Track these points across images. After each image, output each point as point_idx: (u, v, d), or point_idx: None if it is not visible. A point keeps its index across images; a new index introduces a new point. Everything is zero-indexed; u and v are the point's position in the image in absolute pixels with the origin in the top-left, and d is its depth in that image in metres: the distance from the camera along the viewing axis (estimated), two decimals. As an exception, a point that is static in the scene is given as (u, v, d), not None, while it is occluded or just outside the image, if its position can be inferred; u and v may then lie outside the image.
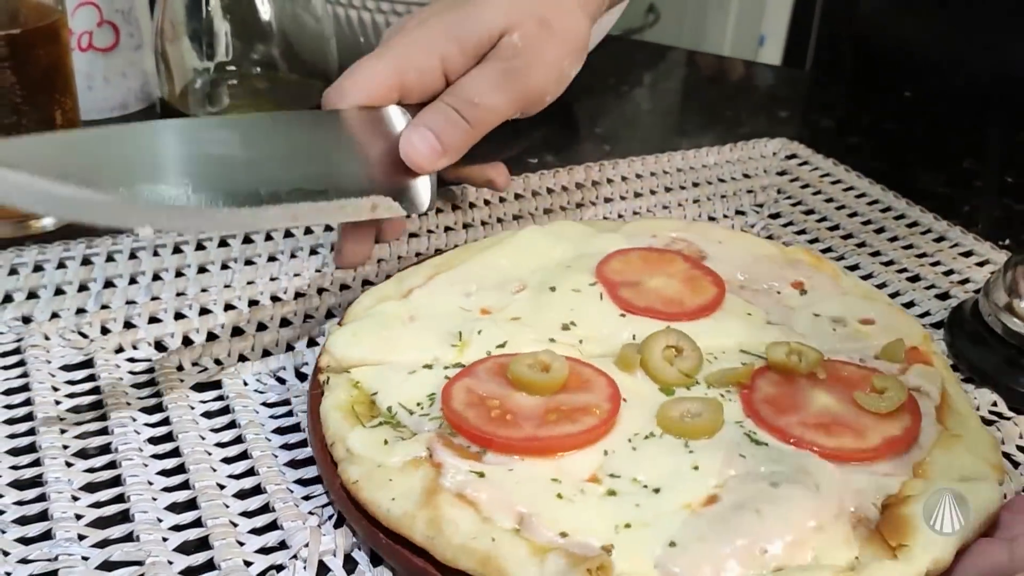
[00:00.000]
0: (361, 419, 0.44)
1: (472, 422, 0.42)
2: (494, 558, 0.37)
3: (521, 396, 0.44)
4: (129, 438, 0.46)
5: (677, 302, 0.52)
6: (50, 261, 0.58)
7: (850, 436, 0.43)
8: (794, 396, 0.45)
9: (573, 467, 0.41)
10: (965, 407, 0.47)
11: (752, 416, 0.45)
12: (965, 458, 0.43)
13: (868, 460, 0.42)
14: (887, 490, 0.41)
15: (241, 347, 0.53)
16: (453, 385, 0.44)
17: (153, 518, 0.42)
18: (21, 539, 0.40)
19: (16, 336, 0.52)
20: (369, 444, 0.42)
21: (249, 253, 0.61)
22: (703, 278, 0.54)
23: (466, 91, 0.51)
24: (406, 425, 0.44)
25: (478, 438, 0.42)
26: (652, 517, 0.39)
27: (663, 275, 0.54)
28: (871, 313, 0.52)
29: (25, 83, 0.58)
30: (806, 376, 0.46)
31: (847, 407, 0.44)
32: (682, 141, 0.62)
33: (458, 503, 0.39)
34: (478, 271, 0.54)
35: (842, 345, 0.50)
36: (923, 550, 0.38)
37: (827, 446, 0.42)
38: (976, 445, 0.44)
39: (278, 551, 0.41)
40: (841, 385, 0.46)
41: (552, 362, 0.45)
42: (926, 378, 0.47)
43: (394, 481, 0.40)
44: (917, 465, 0.43)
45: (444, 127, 0.50)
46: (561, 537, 0.38)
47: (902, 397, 0.44)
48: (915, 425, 0.44)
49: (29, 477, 0.44)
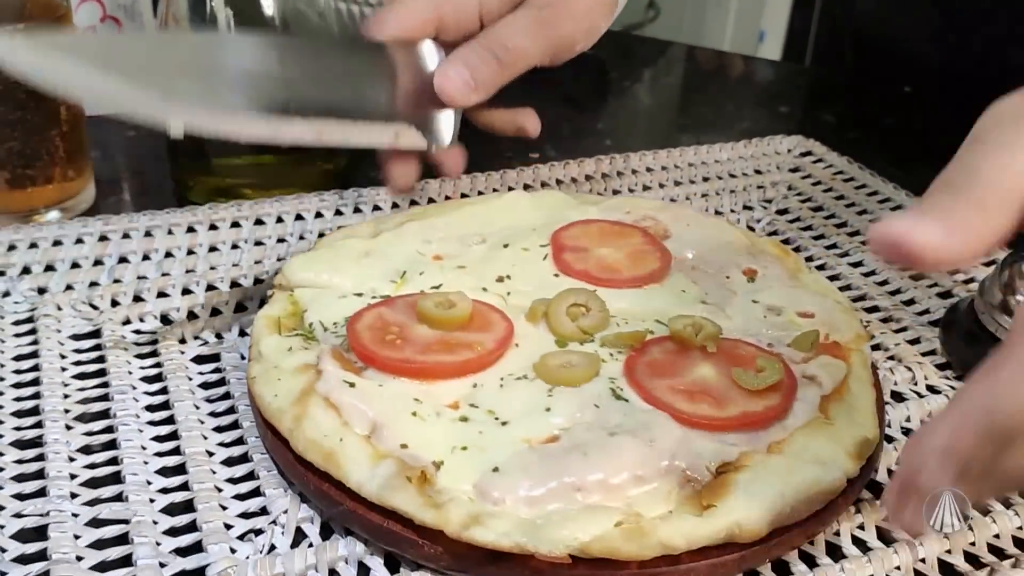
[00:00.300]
0: (282, 329, 0.49)
1: (363, 341, 0.46)
2: (336, 455, 0.41)
3: (422, 328, 0.48)
4: (127, 404, 0.48)
5: (613, 270, 0.54)
6: (68, 236, 0.60)
7: (709, 405, 0.44)
8: (677, 364, 0.47)
9: (439, 392, 0.45)
10: (862, 403, 0.47)
11: (627, 374, 0.46)
12: (825, 444, 0.43)
13: (718, 429, 0.43)
14: (725, 457, 0.42)
15: (243, 322, 0.55)
16: (368, 311, 0.49)
17: (143, 480, 0.44)
18: (17, 495, 0.43)
19: (31, 305, 0.55)
20: (275, 349, 0.47)
21: (259, 234, 0.63)
22: (652, 253, 0.56)
23: (500, 35, 0.53)
24: (317, 340, 0.48)
25: (363, 355, 0.46)
26: (489, 443, 0.42)
27: (613, 247, 0.56)
28: (812, 307, 0.52)
29: None
30: (699, 348, 0.48)
31: (723, 381, 0.46)
32: (683, 136, 0.63)
33: (323, 405, 0.43)
34: (448, 224, 0.58)
35: (766, 332, 0.51)
36: (726, 513, 0.39)
37: (683, 410, 0.44)
38: (844, 435, 0.44)
39: (259, 516, 0.43)
40: (729, 361, 0.47)
41: (458, 302, 0.48)
42: (825, 369, 0.48)
43: (282, 381, 0.45)
44: (775, 443, 0.43)
45: (478, 65, 0.52)
46: (401, 448, 0.42)
47: (776, 378, 0.45)
48: (780, 406, 0.45)
49: (30, 438, 0.46)
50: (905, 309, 0.60)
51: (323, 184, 0.69)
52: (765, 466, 0.41)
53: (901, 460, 0.38)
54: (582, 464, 0.41)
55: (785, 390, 0.45)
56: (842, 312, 0.53)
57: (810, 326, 0.51)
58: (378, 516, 0.40)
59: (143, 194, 0.70)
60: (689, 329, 0.48)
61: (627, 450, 0.41)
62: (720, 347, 0.48)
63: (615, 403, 0.45)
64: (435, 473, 0.41)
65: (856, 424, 0.45)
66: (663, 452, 0.42)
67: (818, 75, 1.01)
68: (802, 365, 0.48)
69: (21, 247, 0.59)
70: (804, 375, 0.47)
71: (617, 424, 0.43)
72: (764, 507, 0.40)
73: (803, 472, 0.41)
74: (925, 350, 0.56)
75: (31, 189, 0.62)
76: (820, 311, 0.52)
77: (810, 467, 0.42)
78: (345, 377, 0.45)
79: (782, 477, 0.41)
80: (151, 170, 0.72)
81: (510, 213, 0.60)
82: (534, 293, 0.52)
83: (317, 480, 0.42)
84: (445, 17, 0.53)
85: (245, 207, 0.65)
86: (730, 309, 0.52)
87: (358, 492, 0.41)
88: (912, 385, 0.53)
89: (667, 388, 0.45)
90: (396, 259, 0.54)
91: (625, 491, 0.40)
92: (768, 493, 0.40)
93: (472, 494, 0.40)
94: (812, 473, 0.42)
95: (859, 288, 0.62)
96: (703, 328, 0.48)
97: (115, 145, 0.77)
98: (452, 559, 0.39)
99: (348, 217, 0.66)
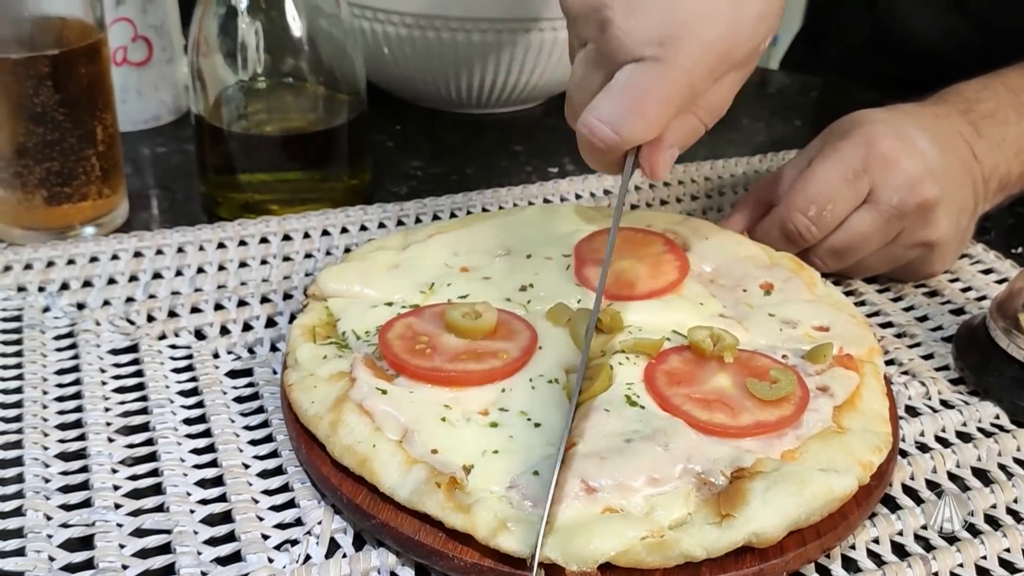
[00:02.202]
0: (316, 338, 0.51)
1: (395, 350, 0.48)
2: (369, 461, 0.43)
3: (450, 337, 0.50)
4: (166, 418, 0.50)
5: (630, 284, 0.56)
6: (104, 253, 0.62)
7: (724, 413, 0.46)
8: (695, 373, 0.48)
9: (468, 399, 0.47)
10: (874, 412, 0.48)
11: (647, 382, 0.48)
12: (837, 453, 0.45)
13: (732, 436, 0.45)
14: (739, 463, 0.43)
15: (273, 337, 0.57)
16: (398, 320, 0.51)
17: (183, 491, 0.45)
18: (63, 505, 0.44)
19: (71, 321, 0.57)
20: (311, 357, 0.49)
21: (287, 250, 0.64)
22: (671, 262, 0.57)
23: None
24: (350, 348, 0.50)
25: (395, 363, 0.48)
26: (519, 447, 0.44)
27: (633, 258, 0.57)
28: (827, 321, 0.54)
29: (68, 101, 0.61)
30: (717, 359, 0.49)
31: (738, 391, 0.47)
32: (699, 150, 0.65)
33: (358, 412, 0.45)
34: (474, 236, 0.60)
35: (782, 344, 0.52)
36: (745, 522, 0.41)
37: (699, 418, 0.45)
38: (856, 444, 0.45)
39: (294, 527, 0.44)
40: (745, 372, 0.48)
41: (484, 312, 0.50)
42: (838, 381, 0.49)
43: (318, 388, 0.47)
44: (789, 452, 0.45)
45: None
46: (432, 454, 0.43)
47: (789, 390, 0.47)
48: (793, 416, 0.46)
49: (75, 450, 0.48)
50: (919, 325, 0.61)
51: (348, 199, 0.71)
52: (780, 473, 0.43)
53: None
54: (599, 468, 0.42)
55: (798, 401, 0.47)
56: (856, 326, 0.54)
57: (824, 339, 0.52)
58: (410, 528, 0.42)
59: (173, 209, 0.72)
60: (708, 340, 0.50)
61: (642, 453, 0.43)
62: (737, 358, 0.49)
63: (630, 409, 0.46)
64: (464, 477, 0.42)
65: (869, 432, 0.47)
66: (678, 456, 0.43)
67: (833, 84, 1.02)
68: (816, 377, 0.50)
69: (60, 263, 0.61)
70: (817, 387, 0.49)
71: (634, 430, 0.45)
72: (780, 514, 0.41)
73: (817, 479, 0.43)
74: (938, 365, 0.57)
75: (67, 206, 0.64)
76: (834, 325, 0.54)
77: (824, 474, 0.43)
78: (378, 384, 0.47)
79: (797, 484, 0.42)
80: (181, 186, 0.74)
81: (533, 226, 0.62)
82: (555, 300, 0.54)
83: (350, 493, 0.43)
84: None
85: (273, 223, 0.67)
86: (748, 322, 0.54)
87: (391, 497, 0.42)
88: (926, 400, 0.55)
89: (684, 396, 0.47)
90: (424, 271, 0.56)
91: (642, 492, 0.42)
92: (784, 501, 0.41)
93: (503, 495, 0.42)
94: (826, 480, 0.43)
95: (874, 304, 0.63)
96: (721, 339, 0.50)
97: (145, 160, 0.79)
98: (482, 571, 0.41)
99: (373, 232, 0.68)
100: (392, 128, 0.87)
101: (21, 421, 0.49)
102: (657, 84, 0.47)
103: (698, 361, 0.49)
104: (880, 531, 0.45)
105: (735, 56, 0.49)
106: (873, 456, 0.45)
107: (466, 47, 0.80)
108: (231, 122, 0.68)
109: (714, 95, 0.50)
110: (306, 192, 0.70)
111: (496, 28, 0.78)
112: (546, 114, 0.91)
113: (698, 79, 0.47)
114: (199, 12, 0.66)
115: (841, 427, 0.47)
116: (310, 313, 0.53)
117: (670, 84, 0.47)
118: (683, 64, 0.46)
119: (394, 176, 0.79)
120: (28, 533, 0.43)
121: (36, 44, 0.60)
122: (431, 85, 0.85)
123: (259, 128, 0.69)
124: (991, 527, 0.46)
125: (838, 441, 0.46)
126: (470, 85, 0.84)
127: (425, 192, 0.75)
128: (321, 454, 0.45)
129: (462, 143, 0.85)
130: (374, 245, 0.59)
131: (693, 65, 0.47)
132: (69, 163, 0.63)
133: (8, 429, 0.49)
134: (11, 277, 0.60)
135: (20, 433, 0.48)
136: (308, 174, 0.70)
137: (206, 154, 0.69)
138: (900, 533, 0.46)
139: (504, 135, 0.86)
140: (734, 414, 0.46)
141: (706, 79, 0.48)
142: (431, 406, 0.46)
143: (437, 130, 0.87)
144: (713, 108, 0.51)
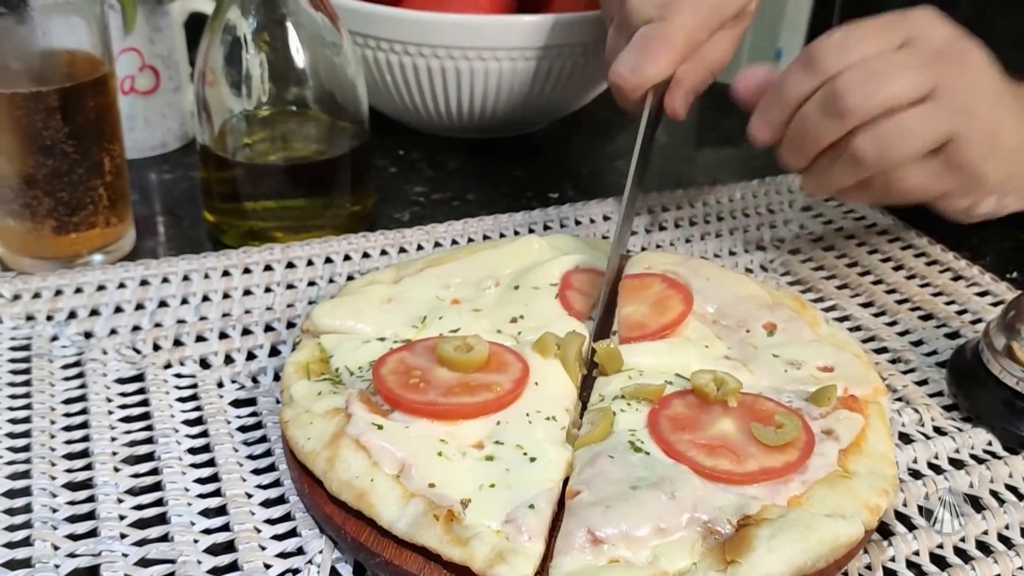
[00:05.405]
0: (311, 374, 0.52)
1: (389, 385, 0.49)
2: (367, 495, 0.44)
3: (443, 371, 0.50)
4: (171, 448, 0.51)
5: (640, 325, 0.56)
6: (111, 281, 0.64)
7: (729, 460, 0.46)
8: (699, 418, 0.48)
9: (464, 433, 0.47)
10: (881, 453, 0.48)
11: (651, 428, 0.48)
12: (844, 497, 0.45)
13: (737, 483, 0.45)
14: (745, 510, 0.43)
15: (277, 366, 0.58)
16: (391, 355, 0.51)
17: (187, 521, 0.46)
18: (70, 535, 0.45)
19: (78, 350, 0.58)
20: (306, 394, 0.50)
21: (291, 278, 0.66)
22: (674, 296, 0.58)
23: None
24: (344, 384, 0.51)
25: (389, 398, 0.49)
26: (515, 480, 0.45)
27: (636, 302, 0.58)
28: (831, 361, 0.54)
29: (76, 133, 0.62)
30: (720, 403, 0.49)
31: (743, 436, 0.47)
32: (697, 175, 0.66)
33: (354, 447, 0.46)
34: (464, 268, 0.61)
35: (786, 386, 0.52)
36: (750, 568, 0.41)
37: (704, 464, 0.45)
38: (862, 488, 0.46)
39: (295, 556, 0.45)
40: (749, 416, 0.48)
41: (475, 345, 0.51)
42: (842, 424, 0.49)
43: (314, 424, 0.48)
44: (795, 497, 0.45)
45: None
46: (429, 487, 0.44)
47: (795, 435, 0.47)
48: (798, 461, 0.46)
49: (81, 480, 0.49)
50: (914, 350, 0.62)
51: (351, 226, 0.72)
52: (786, 520, 0.43)
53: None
54: (604, 517, 0.42)
55: (803, 446, 0.47)
56: (860, 365, 0.54)
57: (828, 380, 0.52)
58: (413, 565, 0.42)
59: (179, 236, 0.73)
60: (711, 384, 0.50)
61: (648, 502, 0.43)
62: (740, 402, 0.49)
63: (634, 455, 0.46)
64: (462, 511, 0.43)
65: (875, 475, 0.47)
66: (684, 505, 0.43)
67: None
68: (820, 420, 0.49)
69: (67, 292, 0.62)
70: (822, 430, 0.49)
71: (639, 477, 0.44)
72: (786, 561, 0.41)
73: (823, 526, 0.43)
74: (932, 391, 0.58)
75: (75, 235, 0.65)
76: (839, 365, 0.54)
77: (830, 520, 0.43)
78: (373, 420, 0.47)
79: (803, 531, 0.42)
80: (187, 212, 0.76)
81: (524, 256, 0.62)
82: (544, 331, 0.54)
83: (353, 532, 0.44)
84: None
85: (277, 250, 0.68)
86: (753, 364, 0.54)
87: (389, 530, 0.43)
88: (919, 427, 0.55)
89: (688, 442, 0.47)
90: (416, 305, 0.57)
91: (648, 543, 0.42)
92: (790, 548, 0.42)
93: (500, 529, 0.43)
94: (833, 526, 0.43)
95: (869, 329, 0.64)
96: (724, 383, 0.49)
97: (152, 186, 0.80)
98: None
99: (375, 259, 0.69)
100: (395, 154, 0.88)
101: (29, 451, 0.50)
102: (662, 35, 0.63)
103: (702, 405, 0.49)
104: (872, 558, 0.46)
105: (724, 13, 0.65)
106: (880, 499, 0.45)
107: (467, 74, 0.81)
108: (236, 150, 0.69)
109: (715, 49, 0.66)
110: (310, 219, 0.71)
111: (497, 56, 0.80)
112: (547, 139, 0.92)
113: (693, 29, 0.63)
114: (205, 42, 0.67)
115: (847, 471, 0.47)
116: (303, 350, 0.54)
117: (671, 34, 0.63)
118: (680, 20, 0.63)
119: (396, 202, 0.80)
120: (36, 563, 0.44)
121: (45, 78, 0.61)
122: (432, 111, 0.86)
123: (263, 156, 0.70)
124: (982, 553, 0.47)
125: (844, 486, 0.46)
126: (471, 111, 0.86)
127: (427, 217, 0.76)
128: (322, 492, 0.46)
129: (463, 168, 0.86)
130: (367, 279, 0.60)
131: (688, 18, 0.63)
132: (77, 193, 0.64)
133: (16, 459, 0.50)
134: (20, 306, 0.61)
135: (28, 463, 0.49)
136: (312, 201, 0.71)
137: (211, 182, 0.71)
138: (892, 559, 0.46)
139: (505, 160, 0.87)
140: (739, 460, 0.46)
141: (701, 30, 0.64)
142: (427, 440, 0.47)
143: (439, 155, 0.88)
144: (716, 60, 0.67)
